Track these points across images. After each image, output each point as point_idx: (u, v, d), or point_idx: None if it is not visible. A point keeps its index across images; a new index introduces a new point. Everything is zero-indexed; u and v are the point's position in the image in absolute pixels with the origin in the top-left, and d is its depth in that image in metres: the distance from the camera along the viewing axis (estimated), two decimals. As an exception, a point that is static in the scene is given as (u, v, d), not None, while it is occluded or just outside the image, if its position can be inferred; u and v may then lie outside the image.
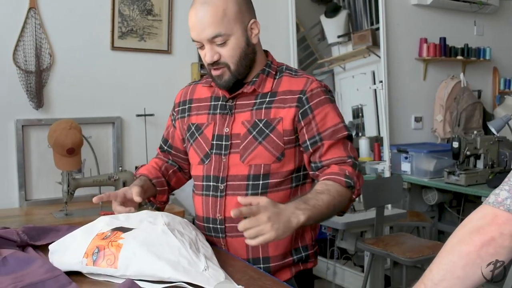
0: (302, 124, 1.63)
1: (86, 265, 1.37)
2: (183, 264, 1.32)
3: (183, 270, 1.30)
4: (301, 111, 1.63)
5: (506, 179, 1.10)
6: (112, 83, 3.45)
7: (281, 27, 4.16)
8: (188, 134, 1.79)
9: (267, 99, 1.67)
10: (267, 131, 1.63)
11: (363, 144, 4.10)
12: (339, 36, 4.41)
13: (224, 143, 1.68)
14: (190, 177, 1.93)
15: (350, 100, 4.41)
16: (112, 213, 1.58)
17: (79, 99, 3.34)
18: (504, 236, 1.04)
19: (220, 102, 1.73)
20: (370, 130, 4.36)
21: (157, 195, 1.84)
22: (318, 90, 1.65)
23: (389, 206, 3.57)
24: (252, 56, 1.66)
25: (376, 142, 4.22)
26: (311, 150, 1.63)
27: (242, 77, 1.66)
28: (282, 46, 4.16)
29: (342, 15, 4.40)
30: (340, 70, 4.41)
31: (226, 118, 1.70)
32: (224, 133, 1.69)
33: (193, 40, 1.62)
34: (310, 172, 1.68)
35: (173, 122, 1.88)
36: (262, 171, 1.64)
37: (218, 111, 1.72)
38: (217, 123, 1.71)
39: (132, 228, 1.42)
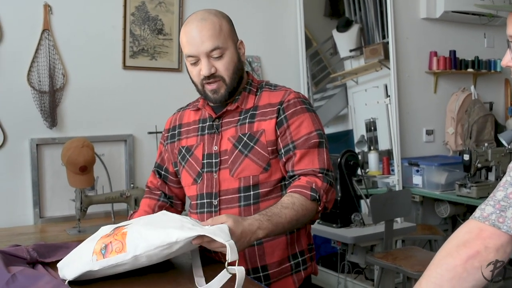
0: (278, 133, 1.70)
1: (97, 260, 1.40)
2: (187, 225, 1.36)
3: (188, 229, 1.34)
4: (277, 120, 1.70)
5: (491, 194, 1.13)
6: (124, 102, 3.52)
7: (290, 42, 4.22)
8: (179, 157, 1.86)
9: (250, 114, 1.74)
10: (251, 144, 1.70)
11: (372, 158, 4.12)
12: (351, 50, 4.44)
13: (214, 160, 1.75)
14: (182, 210, 2.02)
15: (363, 114, 4.43)
16: None
17: (92, 118, 3.41)
18: (489, 250, 1.07)
19: (207, 123, 1.81)
20: (384, 143, 4.37)
21: None
22: (295, 100, 1.73)
23: (399, 219, 3.57)
24: (241, 72, 1.76)
25: (387, 155, 4.24)
26: (284, 159, 1.70)
27: (234, 90, 1.75)
28: (292, 61, 4.22)
29: (354, 29, 4.43)
30: (353, 84, 4.44)
31: (214, 137, 1.77)
32: (213, 151, 1.75)
33: (189, 56, 1.70)
34: (286, 182, 1.73)
35: (165, 147, 1.94)
36: (251, 182, 1.71)
37: (206, 131, 1.80)
38: (205, 143, 1.78)
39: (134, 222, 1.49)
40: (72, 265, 1.47)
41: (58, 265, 1.52)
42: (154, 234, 1.35)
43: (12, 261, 1.58)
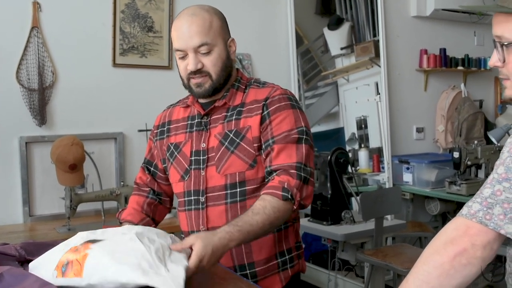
0: (261, 128, 1.70)
1: (56, 277, 1.38)
2: (144, 266, 1.32)
3: (142, 272, 1.31)
4: (261, 116, 1.70)
5: (478, 192, 1.14)
6: (114, 99, 3.50)
7: (281, 39, 4.21)
8: (168, 154, 1.86)
9: (237, 111, 1.74)
10: (237, 140, 1.70)
11: (362, 156, 4.13)
12: (342, 48, 4.45)
13: (201, 157, 1.75)
14: (170, 206, 2.01)
15: (354, 112, 4.44)
16: (115, 227, 1.61)
17: (81, 116, 3.39)
18: (476, 247, 1.08)
19: (196, 120, 1.80)
20: (374, 141, 4.38)
21: None
22: (280, 96, 1.72)
23: (389, 217, 3.58)
24: (229, 69, 1.76)
25: (378, 153, 4.25)
26: (263, 156, 1.69)
27: (220, 87, 1.74)
28: (283, 58, 4.21)
29: (345, 27, 4.44)
30: (344, 82, 4.45)
31: (202, 134, 1.77)
32: (201, 149, 1.76)
33: (177, 50, 1.71)
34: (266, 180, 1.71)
35: (154, 143, 1.94)
36: (237, 179, 1.70)
37: (194, 128, 1.80)
38: (194, 140, 1.78)
39: (103, 240, 1.43)
40: (40, 270, 1.45)
41: (30, 264, 1.50)
42: (110, 268, 1.32)
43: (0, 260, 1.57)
